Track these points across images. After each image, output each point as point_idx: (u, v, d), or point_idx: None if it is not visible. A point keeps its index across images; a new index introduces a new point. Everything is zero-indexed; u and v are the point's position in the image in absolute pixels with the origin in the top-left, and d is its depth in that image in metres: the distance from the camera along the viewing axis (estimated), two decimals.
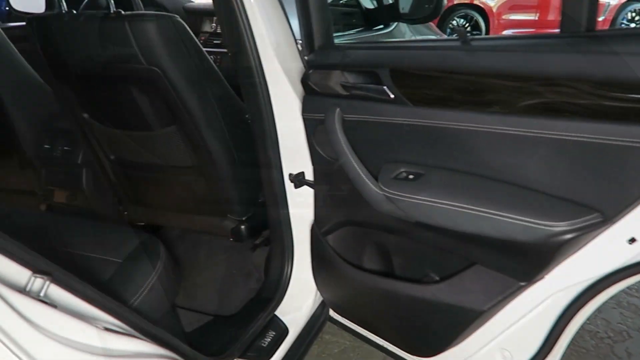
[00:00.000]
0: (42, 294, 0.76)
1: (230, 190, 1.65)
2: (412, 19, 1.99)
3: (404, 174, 1.15)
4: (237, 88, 1.41)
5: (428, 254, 1.28)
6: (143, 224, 2.01)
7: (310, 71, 1.28)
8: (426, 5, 1.86)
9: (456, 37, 1.06)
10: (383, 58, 1.17)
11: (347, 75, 1.22)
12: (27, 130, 1.86)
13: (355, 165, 1.20)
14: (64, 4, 1.44)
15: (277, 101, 1.33)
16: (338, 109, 1.23)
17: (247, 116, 1.43)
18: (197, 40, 1.44)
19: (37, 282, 0.76)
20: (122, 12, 1.38)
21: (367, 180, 1.18)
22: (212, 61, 1.50)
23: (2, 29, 1.75)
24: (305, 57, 1.33)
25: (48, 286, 0.77)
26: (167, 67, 1.36)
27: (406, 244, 1.31)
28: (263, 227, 1.77)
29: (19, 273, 0.76)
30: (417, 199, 1.08)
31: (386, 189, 1.13)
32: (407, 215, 1.12)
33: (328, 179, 1.38)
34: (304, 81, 1.29)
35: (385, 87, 1.13)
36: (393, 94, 1.13)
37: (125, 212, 1.91)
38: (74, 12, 1.44)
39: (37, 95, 1.71)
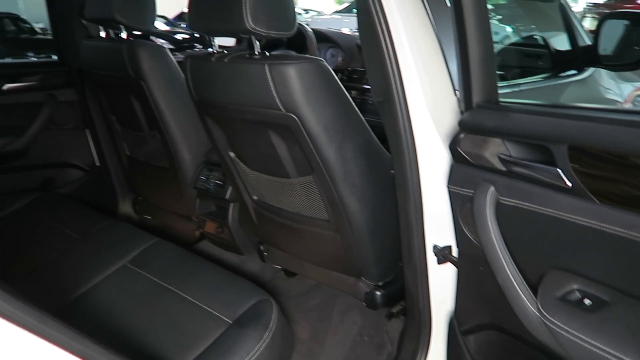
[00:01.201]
0: None
1: (366, 251, 1.45)
2: (616, 64, 1.55)
3: (577, 295, 0.82)
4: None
5: None
6: (280, 267, 1.94)
7: (462, 135, 1.02)
8: (636, 47, 1.42)
9: None
10: (560, 128, 0.85)
11: (509, 146, 0.93)
12: (189, 159, 1.93)
13: (506, 268, 0.90)
14: (216, 43, 1.41)
15: (425, 161, 1.11)
16: (492, 188, 0.95)
17: (392, 171, 1.24)
18: (342, 86, 1.28)
19: None
20: (267, 54, 1.30)
21: (520, 292, 0.87)
22: (357, 109, 1.33)
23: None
24: (462, 112, 1.08)
25: None
26: (305, 115, 1.23)
27: None
28: (401, 296, 1.54)
29: None
30: (594, 345, 0.74)
31: (547, 314, 0.81)
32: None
33: (474, 266, 1.09)
34: (453, 146, 1.03)
35: (559, 170, 0.83)
36: (570, 181, 0.81)
37: (266, 253, 1.85)
38: (225, 51, 1.40)
39: (200, 128, 1.75)
